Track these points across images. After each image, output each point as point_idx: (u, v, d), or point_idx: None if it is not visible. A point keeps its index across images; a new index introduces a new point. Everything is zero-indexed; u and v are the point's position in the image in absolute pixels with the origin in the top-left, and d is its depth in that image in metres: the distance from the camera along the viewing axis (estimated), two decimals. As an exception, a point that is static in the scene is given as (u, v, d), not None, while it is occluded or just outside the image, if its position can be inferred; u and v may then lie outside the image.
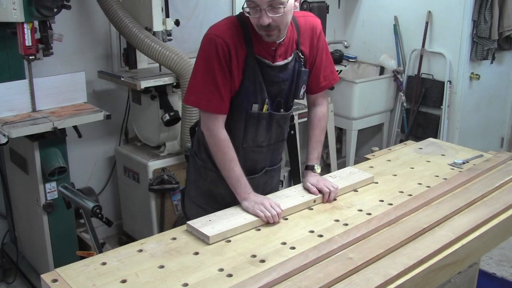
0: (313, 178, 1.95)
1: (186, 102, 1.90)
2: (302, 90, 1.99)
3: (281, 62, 1.89)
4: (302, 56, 1.94)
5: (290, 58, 1.91)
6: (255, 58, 1.83)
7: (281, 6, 1.69)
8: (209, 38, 1.79)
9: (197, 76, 1.84)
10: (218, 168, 1.92)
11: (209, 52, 1.78)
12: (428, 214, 1.77)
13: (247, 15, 1.76)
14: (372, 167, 2.25)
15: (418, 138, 3.53)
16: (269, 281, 1.36)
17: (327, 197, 1.89)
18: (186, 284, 1.38)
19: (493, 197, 1.95)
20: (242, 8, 1.78)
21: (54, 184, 2.71)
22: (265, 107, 1.91)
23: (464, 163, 2.28)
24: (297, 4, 1.80)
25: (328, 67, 2.05)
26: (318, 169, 2.01)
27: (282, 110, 1.98)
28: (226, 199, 1.96)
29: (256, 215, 1.73)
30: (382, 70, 4.60)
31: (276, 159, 2.15)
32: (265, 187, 2.09)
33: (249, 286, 1.35)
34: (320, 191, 1.90)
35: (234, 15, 1.90)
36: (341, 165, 4.44)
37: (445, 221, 1.75)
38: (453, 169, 2.23)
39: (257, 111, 1.90)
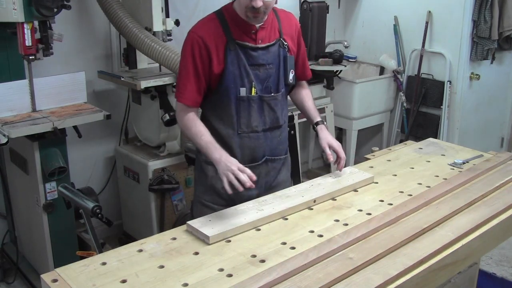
0: (330, 137, 2.14)
1: (175, 97, 2.08)
2: (291, 75, 2.11)
3: (263, 45, 2.01)
4: (286, 43, 2.07)
5: (272, 42, 2.04)
6: (236, 43, 1.96)
7: None
8: (187, 36, 1.98)
9: (179, 72, 2.04)
10: None
11: (185, 49, 1.98)
12: (428, 214, 1.77)
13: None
14: (372, 167, 2.25)
15: (418, 138, 3.53)
16: (269, 281, 1.37)
17: (343, 163, 2.08)
18: (186, 284, 1.38)
19: (493, 197, 1.95)
20: None
21: (54, 184, 2.71)
22: (253, 90, 2.01)
23: (464, 163, 2.28)
24: None
25: (307, 62, 2.30)
26: (326, 123, 2.26)
27: (272, 93, 2.08)
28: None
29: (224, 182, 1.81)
30: (382, 70, 4.60)
31: (277, 148, 2.17)
32: (268, 178, 2.14)
33: (249, 286, 1.35)
34: (337, 154, 2.10)
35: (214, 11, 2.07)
36: (341, 165, 4.44)
37: (445, 221, 1.75)
38: (453, 169, 2.23)
39: (246, 94, 2.00)
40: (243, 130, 2.04)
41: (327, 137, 2.13)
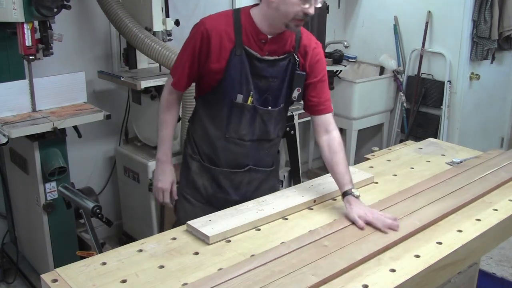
0: (359, 208, 1.71)
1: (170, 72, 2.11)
2: (297, 93, 2.00)
3: (270, 57, 1.93)
4: (298, 59, 1.96)
5: (281, 57, 1.95)
6: (243, 49, 1.90)
7: None
8: (196, 24, 1.94)
9: (180, 52, 2.03)
10: (202, 158, 2.08)
11: (190, 36, 1.95)
12: (405, 206, 1.82)
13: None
14: (372, 167, 2.25)
15: (418, 138, 3.53)
16: (249, 269, 1.40)
17: (384, 228, 1.64)
18: (186, 284, 1.38)
19: (463, 189, 1.97)
20: None
21: (54, 184, 2.71)
22: (250, 99, 1.96)
23: (461, 162, 2.28)
24: None
25: (328, 95, 2.06)
26: (356, 192, 1.77)
27: (269, 107, 2.01)
28: (208, 190, 2.08)
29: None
30: (382, 70, 4.60)
31: (263, 160, 2.11)
32: (248, 188, 2.10)
33: (231, 273, 1.39)
34: (370, 225, 1.67)
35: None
36: (341, 165, 4.43)
37: (416, 210, 1.78)
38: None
39: (241, 101, 1.95)
40: (231, 135, 2.01)
41: (354, 208, 1.72)
